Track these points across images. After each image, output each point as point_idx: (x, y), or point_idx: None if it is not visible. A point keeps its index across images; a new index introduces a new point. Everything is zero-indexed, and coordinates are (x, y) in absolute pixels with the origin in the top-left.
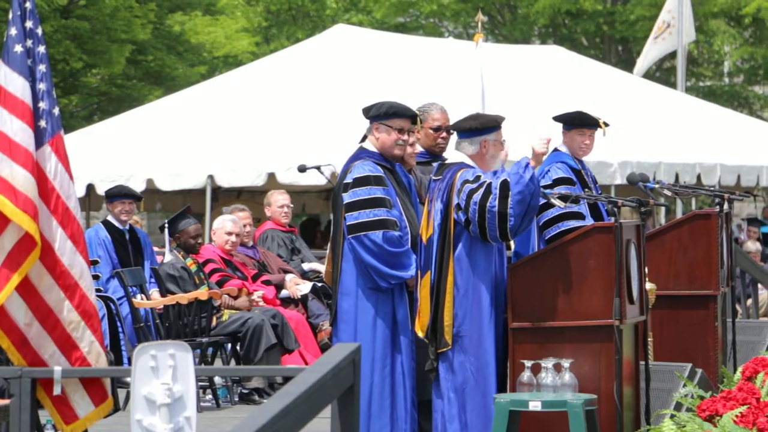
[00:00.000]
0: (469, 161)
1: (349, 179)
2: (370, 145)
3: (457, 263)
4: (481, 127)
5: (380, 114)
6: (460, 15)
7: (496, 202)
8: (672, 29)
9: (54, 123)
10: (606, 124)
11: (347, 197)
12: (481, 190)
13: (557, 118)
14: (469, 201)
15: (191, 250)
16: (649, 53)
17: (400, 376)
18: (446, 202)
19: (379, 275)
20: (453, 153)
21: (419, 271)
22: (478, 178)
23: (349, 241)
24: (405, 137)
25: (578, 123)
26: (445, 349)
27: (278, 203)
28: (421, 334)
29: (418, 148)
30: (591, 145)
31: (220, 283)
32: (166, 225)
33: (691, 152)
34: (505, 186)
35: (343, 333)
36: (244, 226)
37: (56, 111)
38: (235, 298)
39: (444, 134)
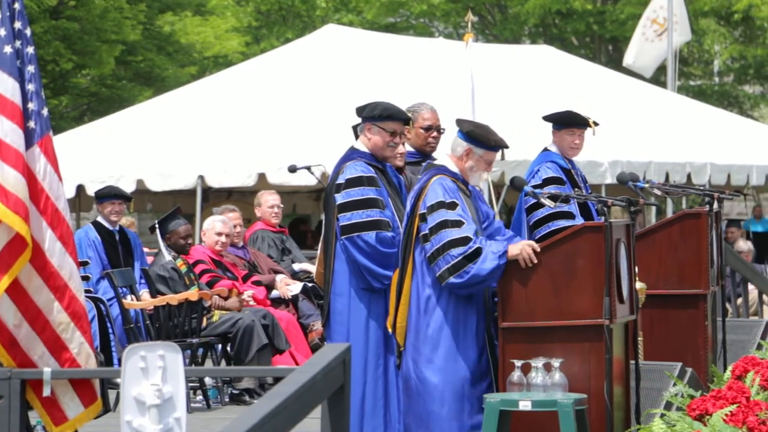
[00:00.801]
0: (451, 165)
1: (341, 180)
2: (361, 146)
3: (417, 267)
4: (473, 136)
5: (374, 115)
6: (450, 15)
7: (458, 256)
8: (674, 25)
9: (43, 124)
10: (596, 124)
11: (340, 198)
12: (458, 233)
13: (547, 118)
14: (438, 229)
15: (181, 250)
16: (645, 49)
17: (393, 376)
18: (413, 205)
19: (372, 276)
20: (442, 154)
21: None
22: (454, 204)
23: (342, 242)
24: (397, 140)
25: (568, 123)
26: (400, 350)
27: (268, 203)
28: (390, 331)
29: (407, 149)
30: (581, 145)
31: (210, 284)
32: (157, 225)
33: (681, 151)
34: (476, 253)
35: (336, 333)
36: (235, 226)
37: (45, 112)
38: (226, 298)
39: (434, 134)
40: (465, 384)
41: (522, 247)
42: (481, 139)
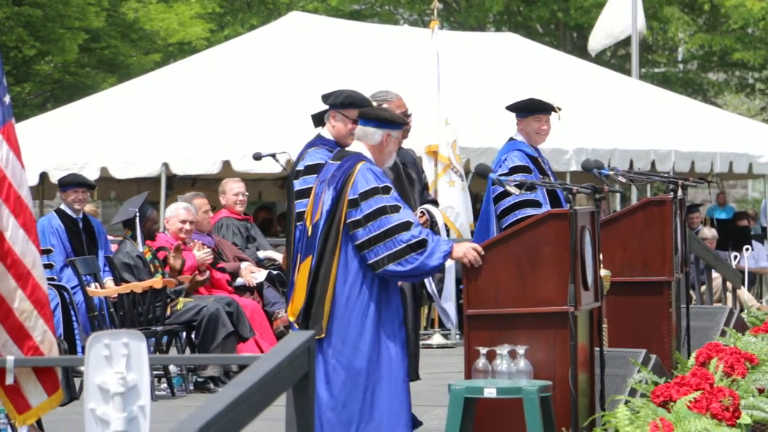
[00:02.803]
0: (366, 153)
1: (300, 167)
2: (327, 133)
3: (343, 254)
4: (389, 120)
5: (337, 102)
6: (415, 2)
7: (403, 243)
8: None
9: (5, 111)
10: (559, 108)
11: (298, 184)
12: (398, 218)
13: (510, 107)
14: (377, 215)
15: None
16: (602, 30)
17: None
18: (339, 191)
19: None
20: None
21: (299, 255)
22: (388, 188)
23: (299, 229)
24: None
25: (533, 109)
26: (319, 337)
27: (233, 191)
28: (292, 319)
29: None
30: (548, 130)
31: (165, 260)
32: (137, 213)
33: (645, 139)
34: (419, 244)
35: None
36: (206, 212)
37: (7, 99)
38: (182, 273)
39: None
40: (388, 367)
41: (466, 250)
42: (396, 120)
